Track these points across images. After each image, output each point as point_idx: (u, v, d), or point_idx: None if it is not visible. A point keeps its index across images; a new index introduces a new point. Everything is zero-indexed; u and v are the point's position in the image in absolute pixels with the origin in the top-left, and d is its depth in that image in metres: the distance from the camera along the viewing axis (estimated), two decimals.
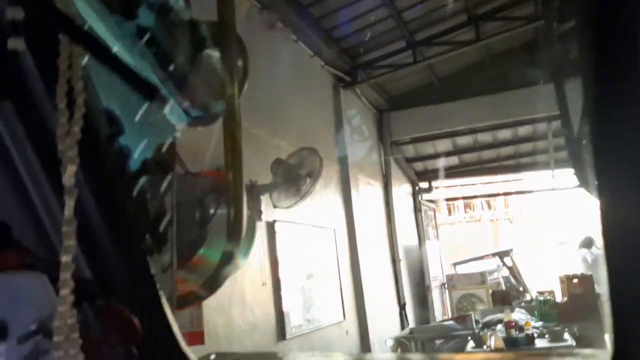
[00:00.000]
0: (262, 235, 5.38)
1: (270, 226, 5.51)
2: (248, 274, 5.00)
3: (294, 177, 5.27)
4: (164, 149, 1.08)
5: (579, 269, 8.70)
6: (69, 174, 0.61)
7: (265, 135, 5.45)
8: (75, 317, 0.62)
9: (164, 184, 1.03)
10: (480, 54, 8.77)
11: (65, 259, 0.61)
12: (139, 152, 1.00)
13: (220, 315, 4.45)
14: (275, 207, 5.30)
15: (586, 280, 7.68)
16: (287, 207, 5.44)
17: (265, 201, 5.28)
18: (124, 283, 0.81)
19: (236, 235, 1.16)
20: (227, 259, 1.16)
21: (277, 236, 5.54)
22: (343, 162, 7.54)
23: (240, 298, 4.84)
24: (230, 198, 1.15)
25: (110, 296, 0.79)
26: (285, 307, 5.45)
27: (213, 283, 1.18)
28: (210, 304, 4.21)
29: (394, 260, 9.15)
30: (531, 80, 7.73)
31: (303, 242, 6.18)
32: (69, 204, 0.61)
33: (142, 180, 0.98)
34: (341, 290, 6.93)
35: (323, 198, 6.70)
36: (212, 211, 1.17)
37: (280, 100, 5.94)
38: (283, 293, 5.45)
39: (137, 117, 1.04)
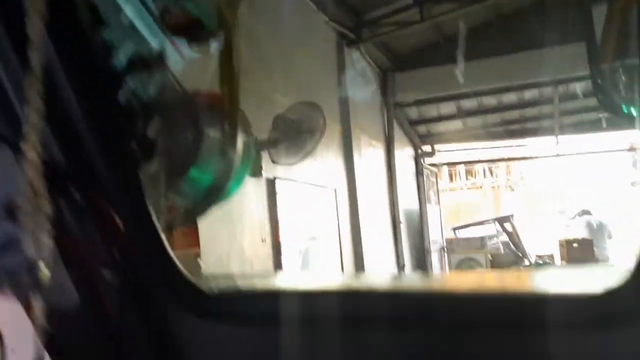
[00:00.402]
0: (262, 192, 5.34)
1: (271, 183, 5.45)
2: (247, 230, 4.97)
3: (294, 133, 5.18)
4: (154, 50, 1.00)
5: (581, 234, 8.70)
6: (34, 24, 0.53)
7: (266, 90, 5.33)
8: (46, 193, 0.55)
9: (153, 85, 0.95)
10: (489, 13, 8.55)
11: (32, 118, 0.54)
12: (124, 49, 0.92)
13: (218, 270, 4.45)
14: (274, 162, 5.22)
15: (586, 245, 7.69)
16: (288, 164, 5.37)
17: (266, 159, 5.21)
18: (105, 180, 0.74)
19: (230, 152, 1.09)
20: (219, 179, 1.10)
21: (278, 193, 5.49)
22: (345, 121, 7.43)
23: (239, 253, 4.83)
24: (225, 113, 1.08)
25: (89, 190, 0.72)
26: (284, 265, 5.44)
27: (203, 204, 1.11)
28: (209, 258, 4.19)
29: (395, 223, 9.14)
30: (539, 43, 7.55)
31: (303, 201, 6.14)
32: (35, 56, 0.53)
33: (128, 78, 0.91)
34: (341, 250, 6.93)
35: (324, 157, 6.63)
36: (206, 130, 1.10)
37: (282, 56, 5.80)
38: (283, 249, 5.44)
39: (122, 15, 0.96)
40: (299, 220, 5.95)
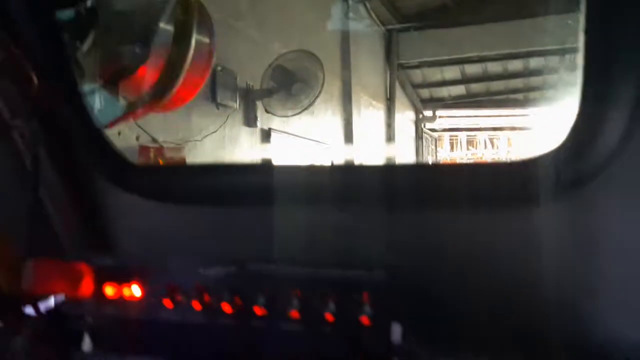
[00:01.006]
0: (256, 143, 5.29)
1: (265, 134, 5.39)
2: None
3: (290, 84, 5.09)
4: None
5: None
6: None
7: (263, 38, 5.20)
8: None
9: None
10: None
11: None
12: None
13: None
14: (267, 112, 5.14)
15: None
16: (283, 116, 5.30)
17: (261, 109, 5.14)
18: (25, 36, 0.70)
19: (183, 46, 1.05)
20: (169, 72, 1.06)
21: (272, 145, 5.43)
22: (346, 78, 7.31)
23: None
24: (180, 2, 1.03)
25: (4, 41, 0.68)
26: None
27: (153, 96, 1.08)
28: None
29: None
30: (548, 9, 7.35)
31: (298, 155, 6.09)
32: None
33: None
34: None
35: (322, 112, 6.55)
36: (159, 22, 1.05)
37: (282, 4, 5.64)
38: None
39: None
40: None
